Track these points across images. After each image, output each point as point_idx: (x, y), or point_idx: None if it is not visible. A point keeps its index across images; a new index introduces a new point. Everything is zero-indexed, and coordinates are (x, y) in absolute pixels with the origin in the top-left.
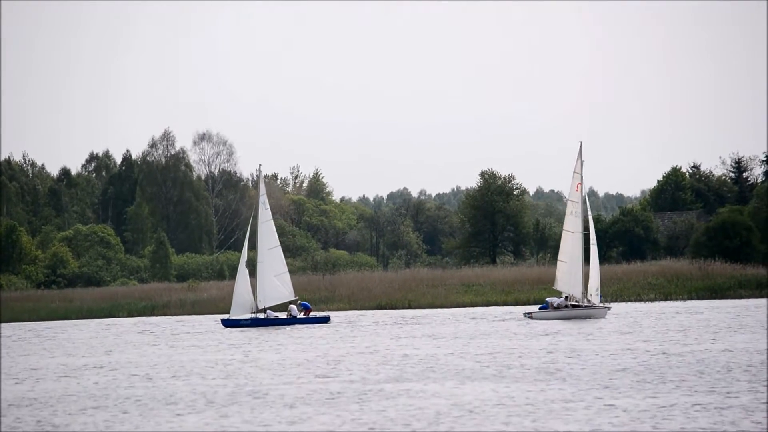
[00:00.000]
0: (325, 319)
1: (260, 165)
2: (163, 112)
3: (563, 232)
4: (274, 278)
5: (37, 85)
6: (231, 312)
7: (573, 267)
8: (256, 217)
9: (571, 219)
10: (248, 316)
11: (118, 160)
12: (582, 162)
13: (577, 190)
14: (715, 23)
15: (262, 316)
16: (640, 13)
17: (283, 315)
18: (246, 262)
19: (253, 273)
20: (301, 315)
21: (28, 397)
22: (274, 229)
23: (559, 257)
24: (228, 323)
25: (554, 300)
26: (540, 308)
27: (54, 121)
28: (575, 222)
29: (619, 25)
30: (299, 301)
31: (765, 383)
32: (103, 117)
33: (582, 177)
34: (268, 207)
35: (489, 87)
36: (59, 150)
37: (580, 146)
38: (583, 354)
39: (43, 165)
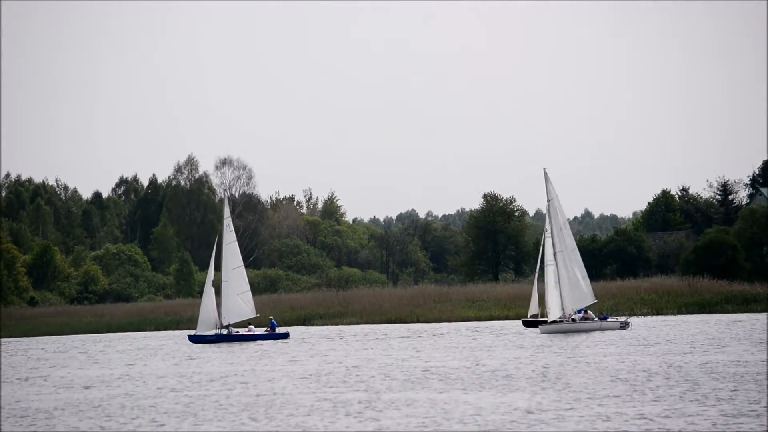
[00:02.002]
0: (285, 335)
1: (226, 192)
2: (186, 138)
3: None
4: (237, 297)
5: (72, 114)
6: (197, 329)
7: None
8: (221, 240)
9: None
10: (213, 332)
11: (145, 184)
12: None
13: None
14: (699, 53)
15: (225, 332)
16: (636, 34)
17: (243, 331)
18: (212, 281)
19: (218, 292)
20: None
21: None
22: (238, 250)
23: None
24: (194, 339)
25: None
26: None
27: (87, 147)
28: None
29: (611, 51)
30: (270, 318)
31: None
32: (131, 143)
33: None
34: (233, 229)
35: (493, 115)
36: (91, 174)
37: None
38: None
39: (75, 189)
